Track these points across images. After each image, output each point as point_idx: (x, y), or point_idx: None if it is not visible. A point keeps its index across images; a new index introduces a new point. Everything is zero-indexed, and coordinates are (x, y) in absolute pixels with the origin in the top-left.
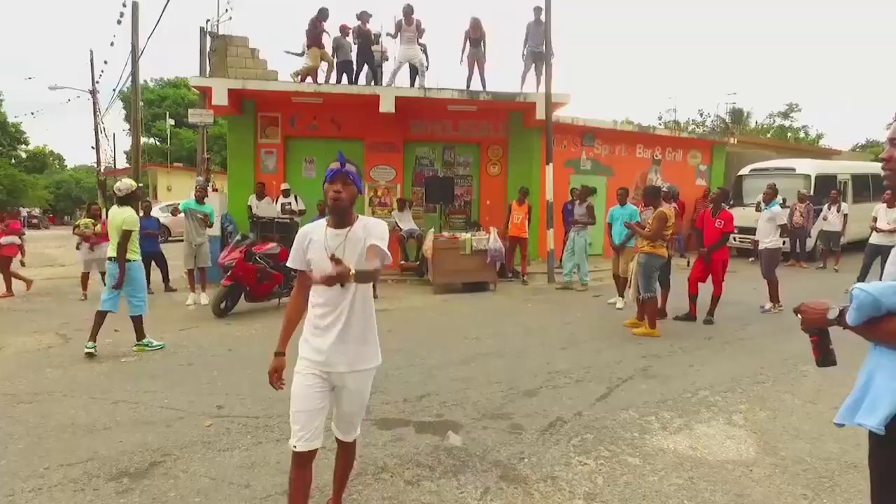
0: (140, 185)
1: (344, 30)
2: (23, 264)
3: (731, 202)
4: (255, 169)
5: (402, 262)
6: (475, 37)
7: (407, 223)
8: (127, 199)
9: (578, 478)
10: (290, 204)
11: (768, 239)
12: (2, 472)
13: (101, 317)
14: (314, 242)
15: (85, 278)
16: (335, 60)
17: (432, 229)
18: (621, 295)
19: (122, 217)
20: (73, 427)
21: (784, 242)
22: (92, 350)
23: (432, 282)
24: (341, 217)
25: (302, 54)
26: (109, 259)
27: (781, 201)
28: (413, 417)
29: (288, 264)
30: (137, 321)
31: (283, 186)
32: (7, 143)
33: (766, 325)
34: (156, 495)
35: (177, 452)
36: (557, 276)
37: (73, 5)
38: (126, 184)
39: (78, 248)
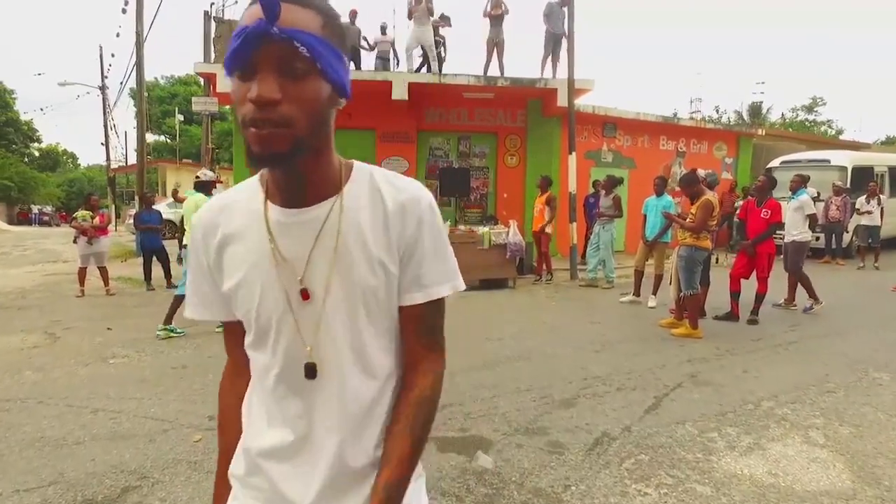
0: (217, 177)
1: (352, 15)
2: None
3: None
4: None
5: None
6: (496, 14)
7: None
8: (202, 187)
9: None
10: None
11: (796, 231)
12: None
13: (178, 301)
14: (237, 242)
15: (82, 273)
16: None
17: (448, 222)
18: (637, 293)
19: (193, 201)
20: (40, 442)
21: (817, 238)
22: (160, 334)
23: None
24: (295, 180)
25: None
26: (184, 247)
27: (816, 194)
28: (435, 432)
29: (187, 314)
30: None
31: None
32: (20, 140)
33: (818, 327)
34: None
35: (156, 474)
36: (581, 272)
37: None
38: (206, 173)
39: (75, 241)
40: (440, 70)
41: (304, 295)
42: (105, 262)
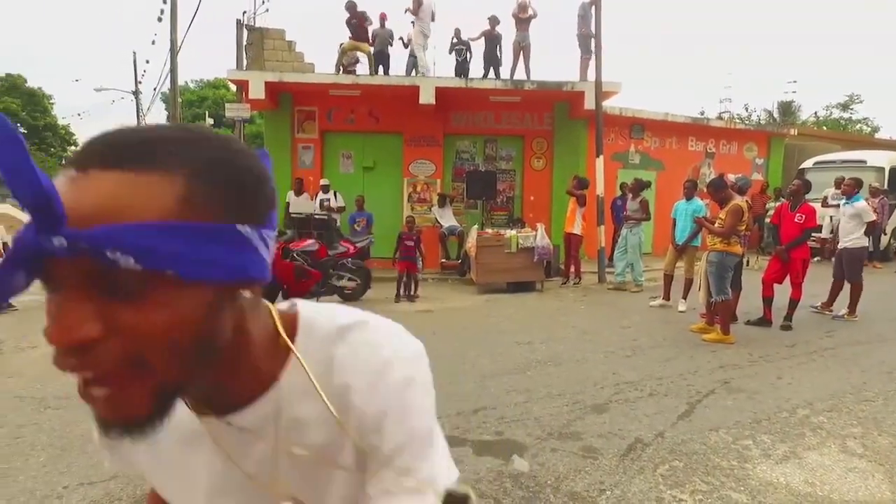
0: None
1: (382, 18)
2: None
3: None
4: (293, 164)
5: (443, 260)
6: (523, 17)
7: (447, 220)
8: None
9: None
10: (328, 200)
11: (848, 238)
12: (19, 490)
13: None
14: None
15: None
16: (372, 51)
17: (475, 226)
18: (667, 297)
19: None
20: None
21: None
22: None
23: (475, 281)
24: (200, 399)
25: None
26: None
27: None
28: (469, 435)
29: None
30: None
31: (323, 182)
32: (58, 144)
33: (855, 333)
34: None
35: None
36: (609, 275)
37: (118, 6)
38: None
39: None
40: (466, 73)
41: None
42: None
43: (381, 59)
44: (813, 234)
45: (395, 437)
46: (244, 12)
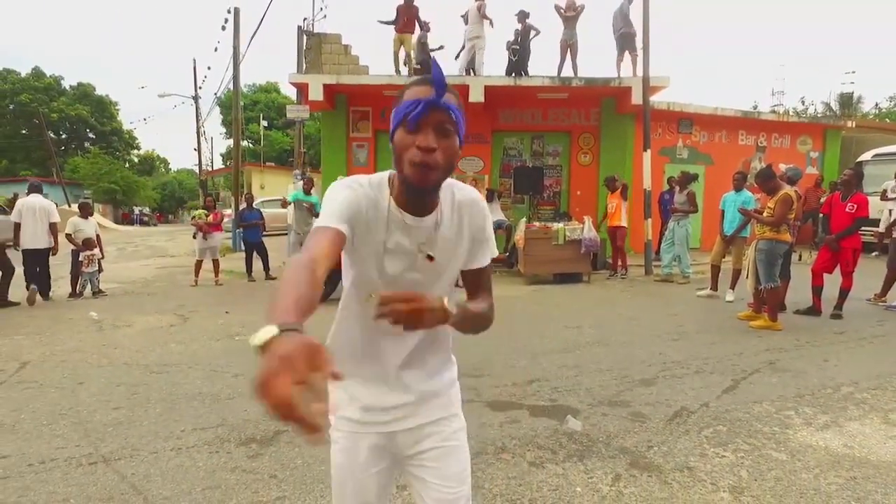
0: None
1: (426, 26)
2: None
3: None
4: (348, 162)
5: None
6: (570, 15)
7: (495, 214)
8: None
9: (719, 470)
10: None
11: None
12: (146, 432)
13: None
14: (376, 219)
15: (198, 266)
16: (414, 42)
17: (524, 219)
18: (714, 287)
19: None
20: (200, 396)
21: None
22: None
23: (523, 272)
24: (425, 197)
25: (392, 23)
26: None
27: None
28: (525, 401)
29: (321, 221)
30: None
31: None
32: (122, 147)
33: None
34: (284, 462)
35: None
36: (655, 268)
37: (180, 16)
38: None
39: (194, 237)
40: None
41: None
42: (217, 254)
43: (427, 65)
44: (870, 228)
45: (488, 228)
46: (304, 19)
